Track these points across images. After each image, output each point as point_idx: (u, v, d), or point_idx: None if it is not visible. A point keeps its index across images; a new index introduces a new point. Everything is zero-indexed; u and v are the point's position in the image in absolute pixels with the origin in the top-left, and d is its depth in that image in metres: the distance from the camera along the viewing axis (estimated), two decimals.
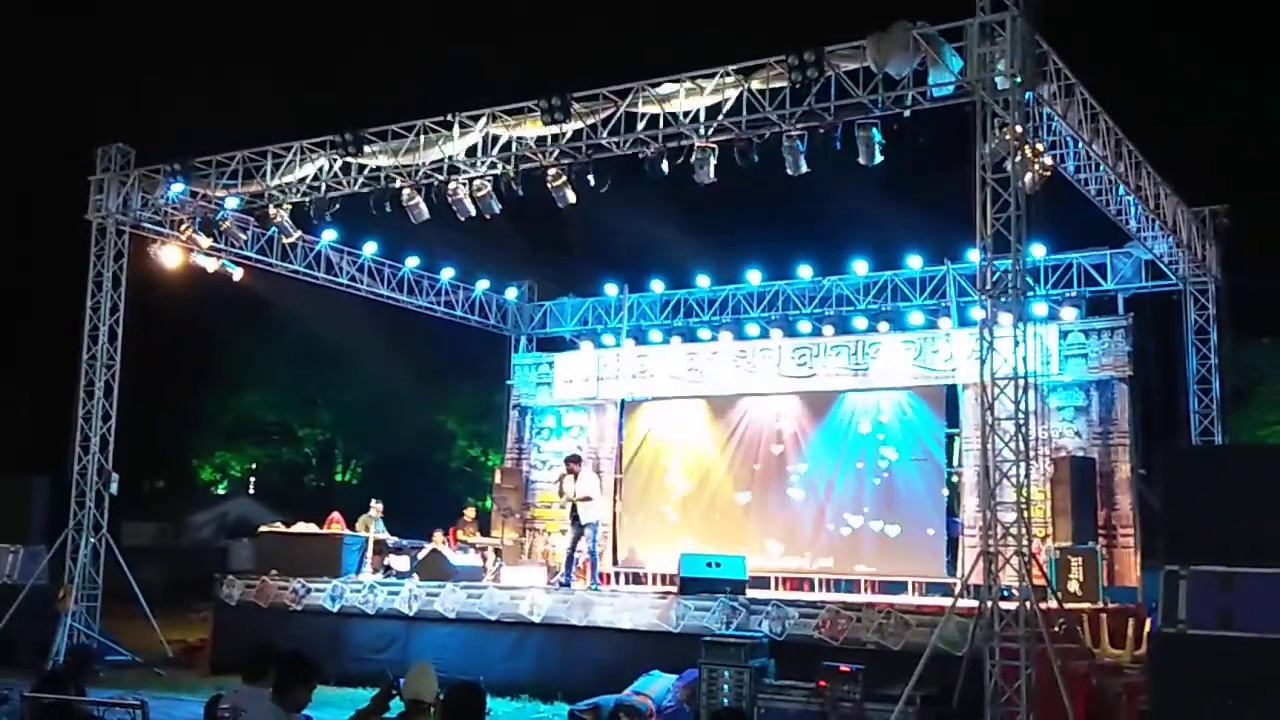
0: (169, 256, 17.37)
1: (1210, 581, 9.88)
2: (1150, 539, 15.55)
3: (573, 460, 17.08)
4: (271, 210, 16.00)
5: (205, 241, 16.92)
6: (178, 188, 16.39)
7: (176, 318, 26.87)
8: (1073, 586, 14.51)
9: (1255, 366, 25.07)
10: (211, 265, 17.51)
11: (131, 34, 35.63)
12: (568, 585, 15.88)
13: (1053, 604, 12.50)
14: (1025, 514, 11.49)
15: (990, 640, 11.10)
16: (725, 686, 12.15)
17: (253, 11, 36.57)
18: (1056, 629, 11.66)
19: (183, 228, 16.85)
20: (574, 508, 16.39)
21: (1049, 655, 10.94)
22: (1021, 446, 11.51)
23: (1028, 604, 11.12)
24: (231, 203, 16.41)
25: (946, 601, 12.89)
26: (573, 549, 16.59)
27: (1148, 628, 11.80)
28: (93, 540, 16.64)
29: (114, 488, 16.93)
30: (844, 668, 11.58)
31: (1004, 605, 11.28)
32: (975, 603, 11.67)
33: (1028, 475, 11.65)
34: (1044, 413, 16.43)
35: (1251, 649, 9.53)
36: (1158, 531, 12.85)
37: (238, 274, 17.90)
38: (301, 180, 15.68)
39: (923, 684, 11.28)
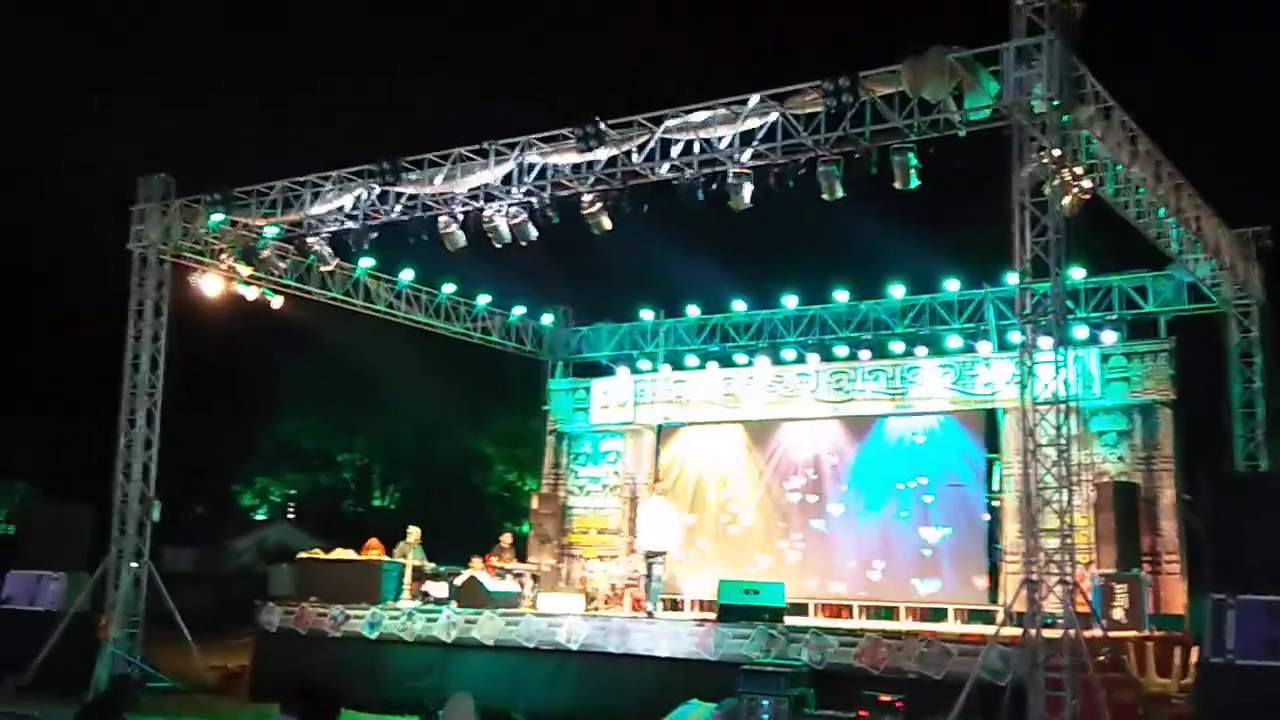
0: (210, 285, 17.57)
1: (1259, 611, 9.73)
2: (1196, 566, 15.30)
3: None
4: (310, 239, 16.16)
5: (245, 270, 17.12)
6: (218, 217, 16.58)
7: (217, 345, 27.14)
8: (1117, 614, 14.30)
9: None
10: (251, 293, 17.71)
11: (174, 65, 36.20)
12: (651, 616, 15.74)
13: (1097, 632, 12.33)
14: (1068, 540, 11.34)
15: (1034, 669, 10.96)
16: (764, 716, 12.00)
17: (295, 44, 37.07)
18: (1101, 658, 11.49)
19: (223, 256, 17.06)
20: None
21: (1094, 685, 10.79)
22: (1064, 472, 11.38)
23: (1072, 632, 10.97)
24: (271, 231, 16.58)
25: (989, 630, 12.73)
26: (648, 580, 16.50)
27: (1195, 657, 11.59)
28: (134, 567, 16.77)
29: (156, 514, 17.07)
30: (884, 697, 11.46)
31: (1047, 633, 11.13)
32: (1018, 631, 11.53)
33: (1070, 501, 11.51)
34: (1086, 437, 16.26)
35: None
36: (1204, 559, 12.65)
37: (277, 302, 18.07)
38: (339, 209, 15.82)
39: (965, 714, 11.15)
